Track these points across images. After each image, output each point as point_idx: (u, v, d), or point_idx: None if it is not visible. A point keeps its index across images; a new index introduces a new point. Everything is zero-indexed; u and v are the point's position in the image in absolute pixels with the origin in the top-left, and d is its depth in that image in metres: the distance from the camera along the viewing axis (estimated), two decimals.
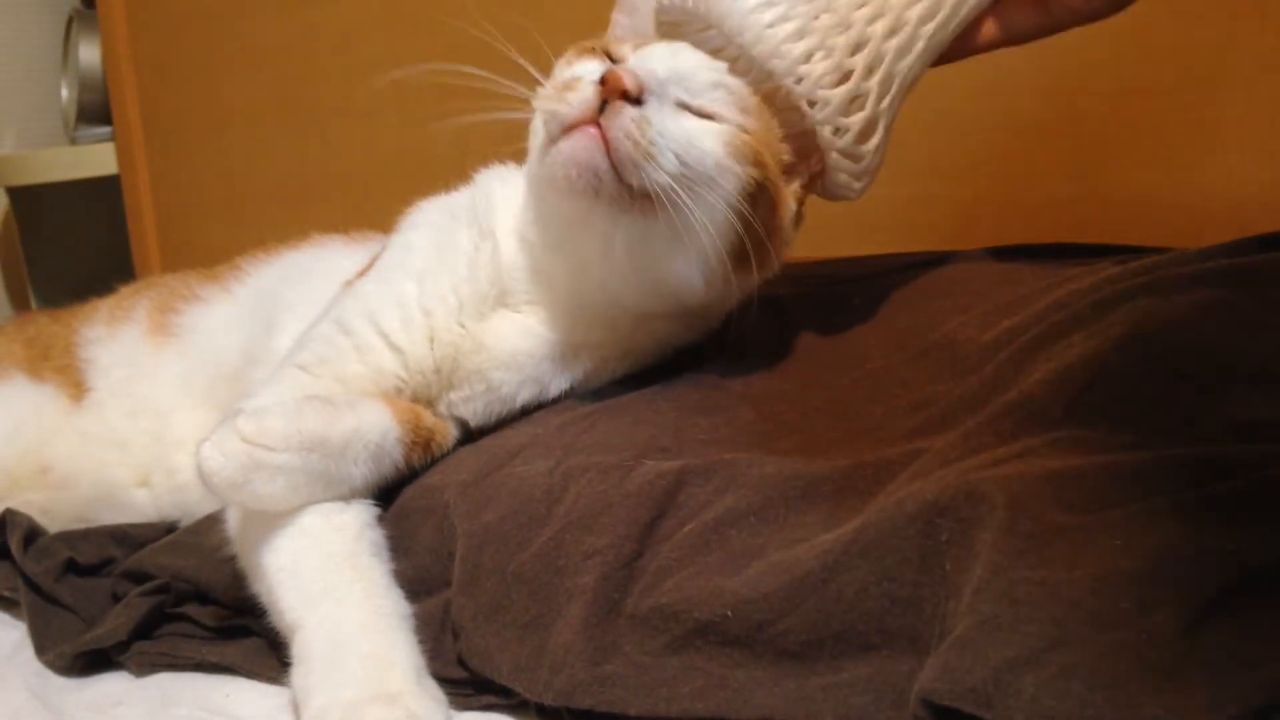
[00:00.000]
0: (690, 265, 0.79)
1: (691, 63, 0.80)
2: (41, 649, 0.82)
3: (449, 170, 0.95)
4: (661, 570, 0.66)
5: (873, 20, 0.79)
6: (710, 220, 0.76)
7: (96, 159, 1.97)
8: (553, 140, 0.75)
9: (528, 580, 0.69)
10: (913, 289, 0.92)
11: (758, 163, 0.78)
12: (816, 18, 0.78)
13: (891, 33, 0.79)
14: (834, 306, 0.93)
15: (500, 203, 0.89)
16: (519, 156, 0.93)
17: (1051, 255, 0.94)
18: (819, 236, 0.90)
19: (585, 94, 0.73)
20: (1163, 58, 1.03)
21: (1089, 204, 1.08)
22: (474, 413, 0.86)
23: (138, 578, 0.87)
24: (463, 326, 0.84)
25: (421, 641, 0.70)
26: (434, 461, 0.84)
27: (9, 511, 0.98)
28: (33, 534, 0.96)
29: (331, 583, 0.70)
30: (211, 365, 1.05)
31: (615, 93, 0.72)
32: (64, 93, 2.15)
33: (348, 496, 0.77)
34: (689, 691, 0.60)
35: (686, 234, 0.75)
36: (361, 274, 0.92)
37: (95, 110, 2.06)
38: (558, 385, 0.86)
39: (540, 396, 0.86)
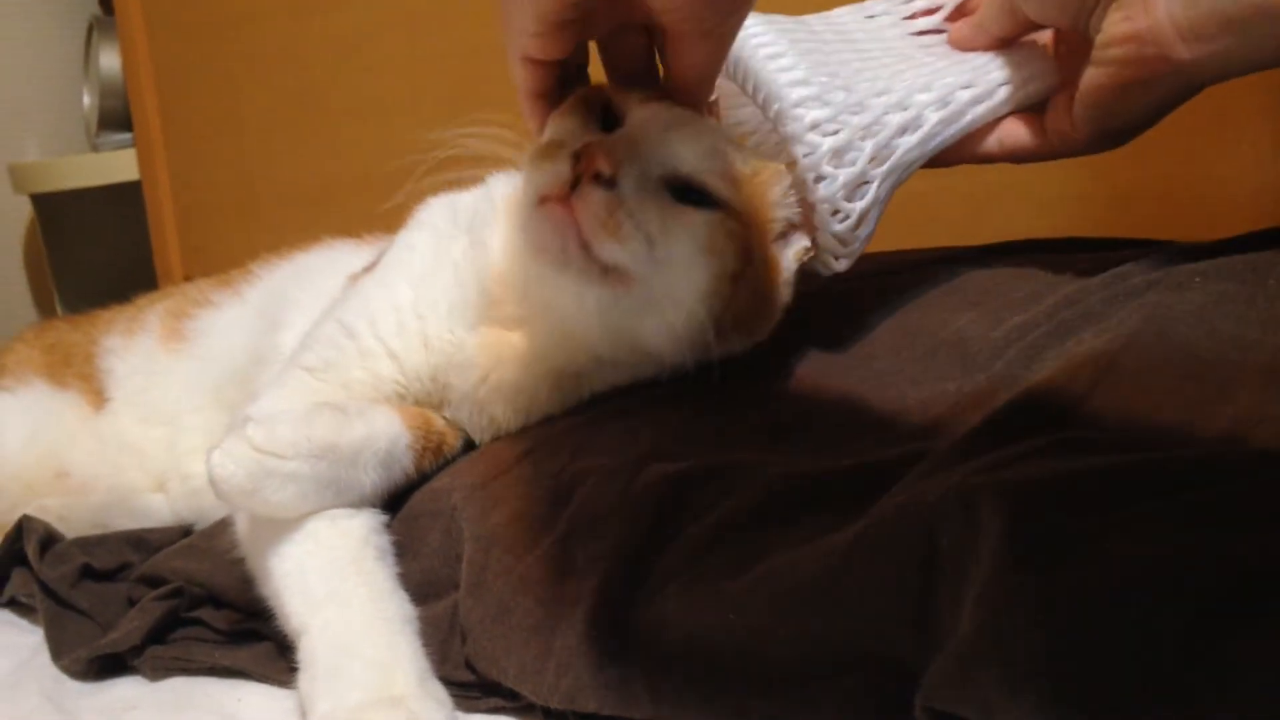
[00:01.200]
0: (664, 333, 0.77)
1: (687, 131, 0.76)
2: (58, 654, 0.83)
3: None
4: (665, 573, 0.65)
5: (890, 110, 0.79)
6: (683, 299, 0.74)
7: (118, 165, 1.99)
8: (531, 204, 0.73)
9: (534, 583, 0.69)
10: (922, 286, 0.92)
11: (740, 250, 0.76)
12: (834, 90, 0.79)
13: (905, 129, 0.80)
14: (842, 304, 0.92)
15: (502, 210, 0.89)
16: None
17: (1063, 249, 0.93)
18: None
19: (559, 168, 0.71)
20: None
21: (1101, 197, 1.07)
22: (477, 429, 0.86)
23: (152, 582, 0.88)
24: (452, 334, 0.84)
25: (429, 644, 0.70)
26: (444, 465, 0.84)
27: (25, 518, 0.99)
28: (49, 540, 0.97)
29: (335, 587, 0.71)
30: (219, 364, 1.06)
31: (588, 172, 0.70)
32: (85, 100, 2.17)
33: (358, 504, 0.77)
34: (691, 696, 0.60)
35: (658, 308, 0.74)
36: (367, 270, 0.93)
37: (116, 117, 2.08)
38: (556, 405, 0.85)
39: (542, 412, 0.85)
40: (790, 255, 0.82)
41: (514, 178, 0.92)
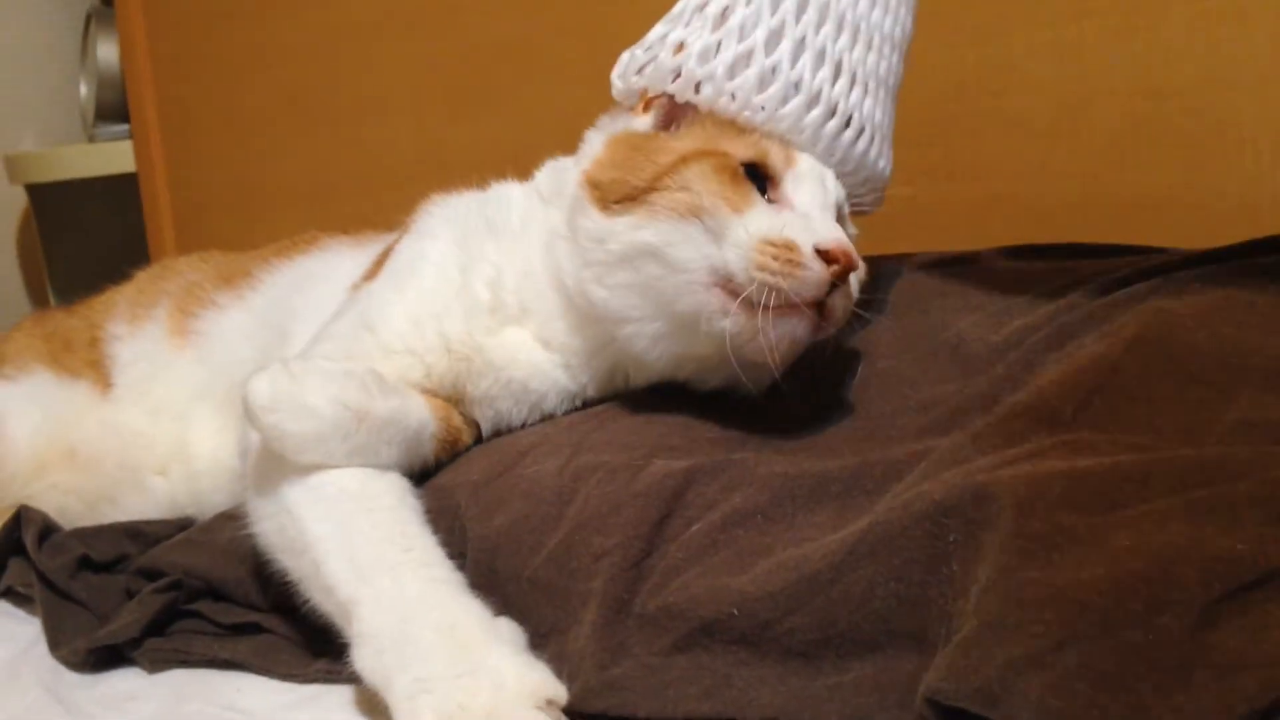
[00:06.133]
0: None
1: (838, 170, 0.84)
2: (55, 644, 0.82)
3: (464, 170, 0.95)
4: (669, 570, 0.66)
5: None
6: None
7: (115, 157, 1.98)
8: (753, 306, 0.72)
9: (544, 586, 0.69)
10: (924, 289, 0.92)
11: None
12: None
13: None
14: None
15: (516, 223, 0.90)
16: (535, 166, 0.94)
17: (1064, 255, 0.94)
18: None
19: (818, 275, 0.72)
20: (1176, 58, 1.03)
21: (1102, 205, 1.07)
22: (486, 420, 0.87)
23: (151, 574, 0.87)
24: (470, 336, 0.84)
25: None
26: (451, 460, 0.85)
27: (23, 508, 0.99)
28: (47, 530, 0.97)
29: (383, 553, 0.68)
30: (229, 374, 1.06)
31: (847, 273, 0.73)
32: (83, 90, 2.16)
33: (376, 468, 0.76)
34: (695, 692, 0.60)
35: None
36: (368, 276, 0.93)
37: (114, 108, 2.07)
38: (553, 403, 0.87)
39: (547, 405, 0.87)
40: None
41: (519, 187, 0.94)
